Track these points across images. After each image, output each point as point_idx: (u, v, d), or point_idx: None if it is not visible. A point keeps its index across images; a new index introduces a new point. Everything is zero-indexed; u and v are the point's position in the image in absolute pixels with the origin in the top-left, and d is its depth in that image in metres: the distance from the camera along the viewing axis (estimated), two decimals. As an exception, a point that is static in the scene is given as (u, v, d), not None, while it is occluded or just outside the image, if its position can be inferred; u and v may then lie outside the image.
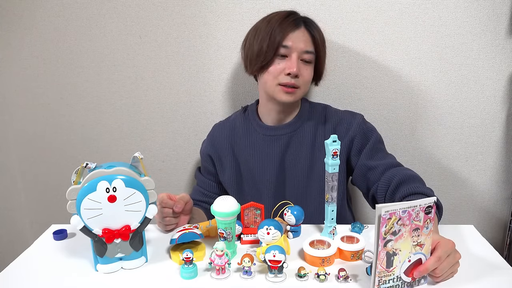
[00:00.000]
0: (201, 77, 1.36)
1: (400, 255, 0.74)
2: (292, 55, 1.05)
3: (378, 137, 1.12)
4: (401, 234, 0.73)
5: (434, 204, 0.75)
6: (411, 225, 0.73)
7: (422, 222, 0.74)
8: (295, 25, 1.06)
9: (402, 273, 0.76)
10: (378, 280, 0.74)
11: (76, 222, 0.80)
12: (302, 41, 1.05)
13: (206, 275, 0.82)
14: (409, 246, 0.75)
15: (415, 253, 0.75)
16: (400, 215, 0.72)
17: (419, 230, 0.75)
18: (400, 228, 0.73)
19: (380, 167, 1.05)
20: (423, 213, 0.74)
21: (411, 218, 0.73)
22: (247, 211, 0.95)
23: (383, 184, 1.03)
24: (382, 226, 0.71)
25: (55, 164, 1.46)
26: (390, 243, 0.72)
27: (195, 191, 1.26)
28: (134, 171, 0.81)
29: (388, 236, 0.72)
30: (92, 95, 1.39)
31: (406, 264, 0.75)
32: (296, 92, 1.07)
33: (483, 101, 1.34)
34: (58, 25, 1.31)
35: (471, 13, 1.26)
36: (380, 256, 0.73)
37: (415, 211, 0.73)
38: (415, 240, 0.75)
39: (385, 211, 0.70)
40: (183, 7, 1.29)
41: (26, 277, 0.84)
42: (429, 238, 0.76)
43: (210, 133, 1.25)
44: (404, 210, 0.72)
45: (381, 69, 1.32)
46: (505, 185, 1.42)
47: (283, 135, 1.14)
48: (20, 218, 1.54)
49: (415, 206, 0.73)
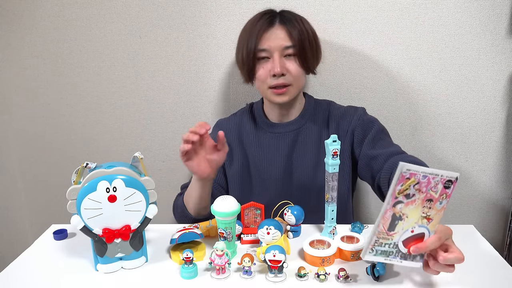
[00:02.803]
0: (201, 77, 1.36)
1: (405, 222, 0.71)
2: (273, 55, 1.04)
3: (380, 127, 1.11)
4: (414, 200, 0.70)
5: (455, 180, 0.70)
6: (426, 193, 0.70)
7: (438, 195, 0.71)
8: (269, 25, 1.05)
9: (400, 242, 0.73)
10: (375, 240, 0.72)
11: (76, 222, 0.80)
12: (279, 38, 1.04)
13: (206, 275, 0.82)
14: (418, 216, 0.71)
15: (420, 225, 0.72)
16: (420, 179, 0.69)
17: (432, 202, 0.71)
18: (415, 193, 0.70)
19: (382, 155, 1.03)
20: (442, 185, 0.70)
21: (429, 186, 0.70)
22: (247, 211, 0.95)
23: (386, 171, 1.00)
24: (398, 183, 0.68)
25: (55, 164, 1.46)
26: (400, 205, 0.70)
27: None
28: (134, 171, 0.81)
29: (400, 197, 0.69)
30: (92, 95, 1.39)
31: (408, 233, 0.72)
32: (289, 90, 1.07)
33: (483, 101, 1.34)
34: (58, 25, 1.31)
35: (471, 13, 1.26)
36: (386, 215, 0.70)
37: (435, 180, 0.69)
38: (425, 212, 0.71)
39: (407, 169, 0.67)
40: (183, 7, 1.29)
41: (26, 277, 0.84)
42: (439, 216, 0.72)
43: (217, 126, 1.23)
44: (425, 175, 0.69)
45: (381, 69, 1.32)
46: (505, 185, 1.42)
47: (289, 132, 1.15)
48: (20, 218, 1.54)
49: (437, 175, 0.69)
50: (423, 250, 0.72)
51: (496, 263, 0.86)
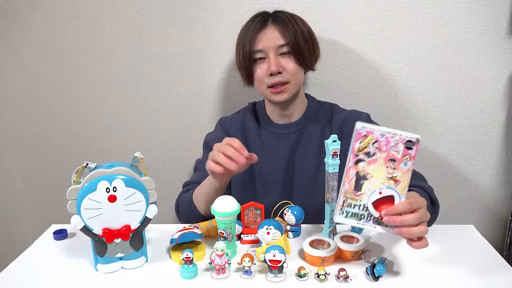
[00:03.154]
0: (201, 77, 1.36)
1: (371, 182, 0.74)
2: (269, 55, 1.05)
3: None
4: (375, 158, 0.73)
5: (416, 141, 0.73)
6: (388, 153, 0.73)
7: (401, 155, 0.73)
8: (261, 26, 1.06)
9: (370, 204, 0.75)
10: (343, 199, 0.74)
11: (76, 222, 0.80)
12: (273, 37, 1.05)
13: (206, 275, 0.82)
14: (383, 176, 0.74)
15: (388, 187, 0.74)
16: (378, 138, 0.72)
17: (396, 162, 0.73)
18: (376, 152, 0.73)
19: None
20: (403, 145, 0.73)
21: (389, 146, 0.73)
22: (247, 211, 0.95)
23: None
24: (356, 141, 0.72)
25: (55, 164, 1.46)
26: (362, 163, 0.73)
27: (201, 174, 1.13)
28: (134, 171, 0.81)
29: (361, 155, 0.73)
30: (92, 95, 1.39)
31: (376, 195, 0.74)
32: (287, 87, 1.07)
33: (483, 101, 1.34)
34: (58, 25, 1.31)
35: (471, 13, 1.26)
36: (349, 173, 0.73)
37: (394, 139, 0.72)
38: (390, 172, 0.74)
39: (362, 126, 0.72)
40: (183, 7, 1.29)
41: (26, 277, 0.84)
42: (406, 178, 0.74)
43: (221, 124, 1.21)
44: (383, 134, 0.72)
45: (381, 69, 1.32)
46: (505, 185, 1.42)
47: (291, 133, 1.15)
48: (20, 218, 1.54)
49: (395, 134, 0.73)
50: (393, 212, 0.73)
51: (496, 263, 0.86)
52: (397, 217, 0.73)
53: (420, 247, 0.74)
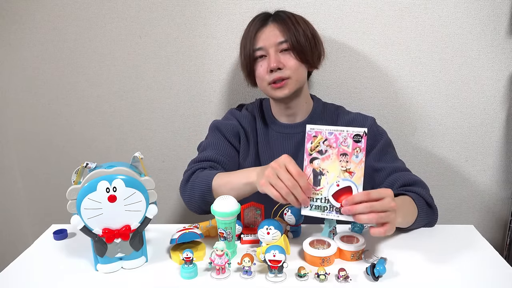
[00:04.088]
0: (201, 77, 1.36)
1: (328, 177, 0.81)
2: (269, 52, 1.06)
3: (387, 140, 1.12)
4: (328, 155, 0.81)
5: (364, 134, 0.79)
6: (338, 148, 0.80)
7: (351, 149, 0.80)
8: (262, 24, 1.08)
9: (330, 196, 0.82)
10: None
11: (76, 222, 0.80)
12: (272, 35, 1.06)
13: (206, 275, 0.82)
14: (337, 169, 0.81)
15: (344, 179, 0.81)
16: (327, 136, 0.80)
17: (348, 156, 0.80)
18: (327, 149, 0.80)
19: (386, 169, 1.05)
20: (351, 140, 0.79)
21: (338, 142, 0.80)
22: (247, 211, 0.95)
23: (387, 185, 1.03)
24: (307, 142, 0.81)
25: (55, 164, 1.46)
26: (316, 161, 0.81)
27: (214, 151, 1.11)
28: (134, 171, 0.81)
29: (314, 153, 0.81)
30: (92, 95, 1.39)
31: (334, 187, 0.81)
32: (287, 83, 1.06)
33: (483, 101, 1.34)
34: (58, 25, 1.31)
35: (471, 13, 1.26)
36: (306, 171, 0.82)
37: (342, 135, 0.80)
38: (344, 166, 0.81)
39: (311, 128, 0.81)
40: (183, 7, 1.29)
41: (26, 277, 0.84)
42: (360, 168, 0.80)
43: (232, 113, 1.19)
44: (331, 132, 0.80)
45: (381, 69, 1.32)
46: (505, 185, 1.42)
47: (296, 134, 1.15)
48: (20, 218, 1.54)
49: (342, 131, 0.80)
50: (351, 202, 0.79)
51: (496, 263, 0.86)
52: (352, 206, 0.79)
53: (374, 233, 0.79)
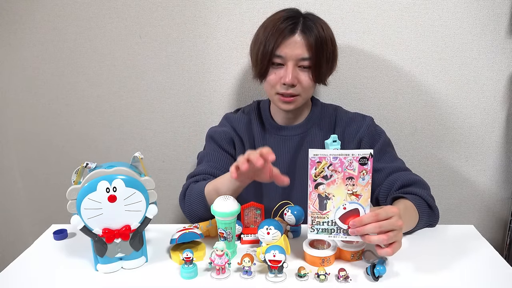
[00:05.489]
0: (201, 77, 1.36)
1: (334, 201, 0.80)
2: (288, 64, 1.02)
3: (386, 140, 1.12)
4: (334, 180, 0.79)
5: (370, 156, 0.77)
6: (344, 172, 0.78)
7: (357, 172, 0.78)
8: (290, 32, 1.01)
9: (337, 219, 0.81)
10: (311, 219, 0.82)
11: (76, 222, 0.80)
12: (298, 47, 1.00)
13: (206, 275, 0.82)
14: (343, 193, 0.80)
15: (351, 202, 0.80)
16: (331, 161, 0.78)
17: (354, 179, 0.79)
18: (332, 173, 0.79)
19: (386, 169, 1.05)
20: (357, 163, 0.78)
21: (344, 166, 0.78)
22: (247, 211, 0.95)
23: (386, 186, 1.03)
24: (311, 168, 0.79)
25: (55, 164, 1.46)
26: (321, 186, 0.80)
27: (208, 165, 1.12)
28: (134, 171, 0.81)
29: (319, 179, 0.79)
30: (92, 95, 1.39)
31: (341, 211, 0.81)
32: (296, 99, 1.05)
33: (483, 101, 1.34)
34: (58, 25, 1.31)
35: (471, 13, 1.26)
36: (312, 197, 0.81)
37: (347, 159, 0.78)
38: (350, 189, 0.79)
39: (314, 154, 0.78)
40: (183, 7, 1.29)
41: (26, 277, 0.84)
42: (367, 191, 0.79)
43: (227, 119, 1.19)
44: (336, 157, 0.78)
45: (381, 69, 1.32)
46: (505, 185, 1.42)
47: (294, 136, 1.14)
48: (20, 218, 1.54)
49: (348, 154, 0.78)
50: (358, 224, 0.78)
51: (496, 263, 0.86)
52: (360, 228, 0.78)
53: (382, 254, 0.78)
